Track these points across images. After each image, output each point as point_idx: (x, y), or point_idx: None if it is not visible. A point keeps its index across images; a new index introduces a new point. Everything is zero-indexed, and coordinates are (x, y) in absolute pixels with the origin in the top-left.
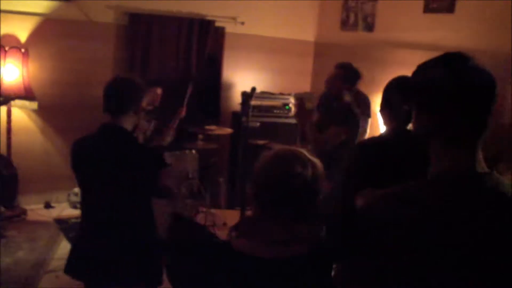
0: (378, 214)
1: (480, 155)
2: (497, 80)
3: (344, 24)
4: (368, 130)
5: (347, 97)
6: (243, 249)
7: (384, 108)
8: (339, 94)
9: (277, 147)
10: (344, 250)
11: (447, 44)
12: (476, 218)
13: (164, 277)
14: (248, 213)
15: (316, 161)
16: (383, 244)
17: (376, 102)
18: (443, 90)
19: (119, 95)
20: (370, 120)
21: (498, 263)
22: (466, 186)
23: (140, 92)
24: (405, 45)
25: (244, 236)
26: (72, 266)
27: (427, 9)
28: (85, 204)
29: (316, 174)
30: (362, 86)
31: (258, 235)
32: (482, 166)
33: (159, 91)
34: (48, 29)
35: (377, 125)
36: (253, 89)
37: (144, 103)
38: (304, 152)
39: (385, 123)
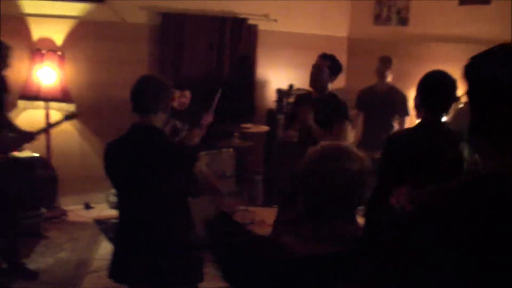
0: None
1: None
2: None
3: (377, 19)
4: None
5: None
6: (290, 246)
7: (415, 100)
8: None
9: (323, 143)
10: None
11: (483, 37)
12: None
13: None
14: (294, 211)
15: (363, 156)
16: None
17: (411, 98)
18: (502, 86)
19: (146, 94)
20: (407, 118)
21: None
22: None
23: (167, 90)
24: (440, 38)
25: (290, 234)
26: (115, 271)
27: (463, 1)
28: (122, 206)
29: (363, 169)
30: (396, 81)
31: (304, 232)
32: None
33: (187, 94)
34: (83, 32)
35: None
36: (291, 86)
37: (172, 102)
38: (351, 147)
39: (417, 115)
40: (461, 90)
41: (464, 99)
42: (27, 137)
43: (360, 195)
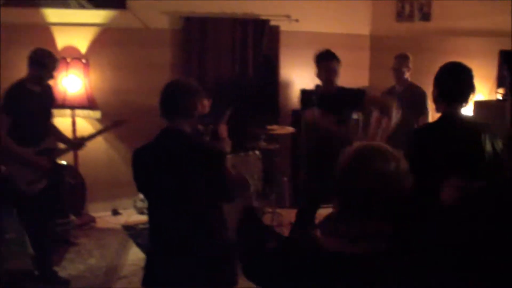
0: None
1: None
2: None
3: (400, 15)
4: None
5: None
6: (325, 246)
7: (433, 94)
8: None
9: (359, 143)
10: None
11: (507, 30)
12: None
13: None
14: (330, 211)
15: (400, 156)
16: None
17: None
18: None
19: (175, 98)
20: (429, 114)
21: None
22: None
23: (195, 94)
24: (464, 32)
25: (326, 234)
26: (149, 278)
27: None
28: (152, 212)
29: (399, 169)
30: (420, 78)
31: (339, 232)
32: None
33: (206, 102)
34: (106, 39)
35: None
36: (317, 86)
37: (200, 106)
38: (387, 147)
39: (436, 109)
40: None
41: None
42: (76, 144)
43: (395, 195)
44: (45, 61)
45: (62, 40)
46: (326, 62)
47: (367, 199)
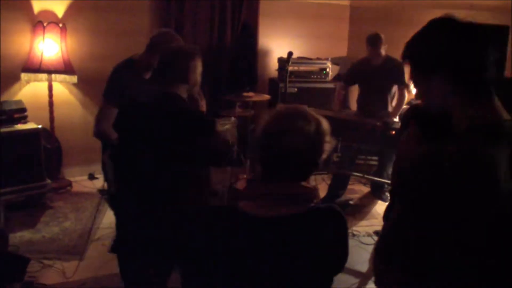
0: None
1: None
2: None
3: None
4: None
5: None
6: (247, 210)
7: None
8: None
9: (280, 105)
10: None
11: (485, 3)
12: None
13: None
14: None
15: (322, 119)
16: None
17: None
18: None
19: (174, 63)
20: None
21: None
22: None
23: (194, 59)
24: (443, 5)
25: (247, 198)
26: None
27: None
28: (124, 163)
29: (319, 132)
30: (398, 51)
31: (260, 195)
32: None
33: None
34: (84, 3)
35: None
36: (290, 53)
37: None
38: (307, 109)
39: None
40: None
41: None
42: None
43: (315, 156)
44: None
45: (39, 4)
46: None
47: (288, 160)
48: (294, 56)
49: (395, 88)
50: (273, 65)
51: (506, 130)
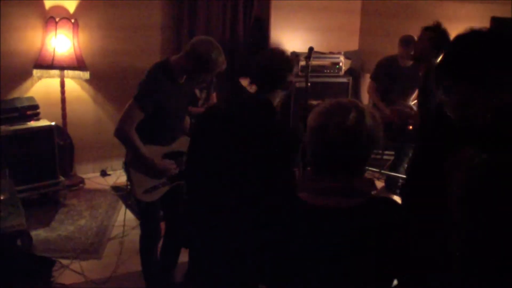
0: None
1: None
2: None
3: None
4: None
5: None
6: (309, 201)
7: None
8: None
9: (329, 99)
10: None
11: None
12: None
13: None
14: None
15: (368, 111)
16: None
17: None
18: None
19: (278, 70)
20: None
21: None
22: None
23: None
24: None
25: (305, 190)
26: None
27: None
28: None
29: (361, 121)
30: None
31: (316, 188)
32: None
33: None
34: None
35: None
36: (311, 49)
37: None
38: (354, 101)
39: None
40: None
41: None
42: None
43: (361, 149)
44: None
45: None
46: None
47: (332, 153)
48: (306, 50)
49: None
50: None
51: None
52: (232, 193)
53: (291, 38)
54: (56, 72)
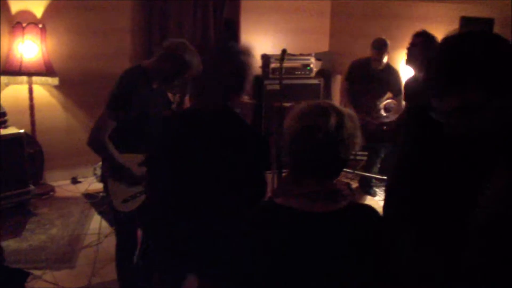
0: None
1: None
2: None
3: None
4: None
5: None
6: (287, 205)
7: None
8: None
9: (305, 101)
10: None
11: None
12: None
13: None
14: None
15: (347, 114)
16: None
17: (397, 60)
18: None
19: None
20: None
21: None
22: None
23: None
24: None
25: (282, 196)
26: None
27: None
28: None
29: (341, 127)
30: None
31: (294, 192)
32: None
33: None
34: (63, 3)
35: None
36: (284, 51)
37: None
38: (332, 103)
39: None
40: None
41: None
42: None
43: (340, 152)
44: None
45: (17, 4)
46: None
47: (316, 156)
48: (277, 52)
49: (387, 95)
50: (257, 62)
51: None
52: (206, 200)
53: (261, 40)
54: (24, 78)
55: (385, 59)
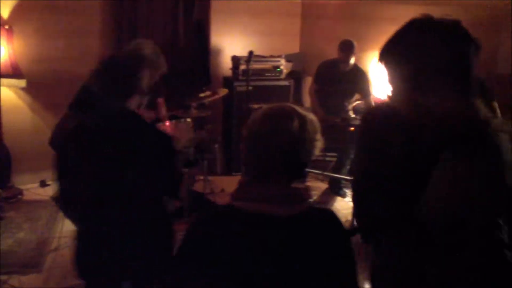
0: None
1: None
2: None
3: None
4: None
5: None
6: (244, 208)
7: None
8: None
9: (267, 105)
10: None
11: None
12: None
13: None
14: (242, 178)
15: (309, 116)
16: None
17: (367, 61)
18: None
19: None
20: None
21: None
22: None
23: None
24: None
25: (241, 200)
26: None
27: None
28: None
29: (304, 130)
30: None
31: (254, 196)
32: None
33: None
34: (31, 4)
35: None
36: (251, 53)
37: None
38: (295, 107)
39: None
40: None
41: None
42: None
43: (302, 155)
44: None
45: None
46: None
47: (274, 160)
48: (247, 54)
49: (356, 97)
50: (227, 63)
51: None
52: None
53: (232, 42)
54: None
55: (352, 61)
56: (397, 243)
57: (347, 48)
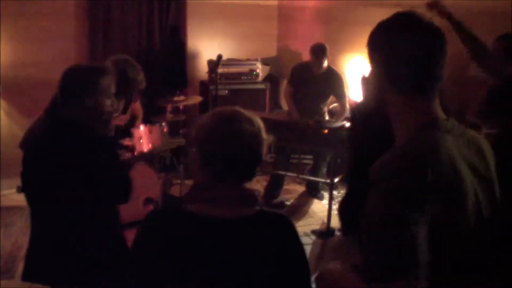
0: None
1: None
2: None
3: None
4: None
5: None
6: (195, 211)
7: None
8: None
9: (216, 108)
10: None
11: (410, 3)
12: None
13: None
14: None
15: (255, 118)
16: None
17: (342, 64)
18: None
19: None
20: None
21: None
22: None
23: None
24: (371, 3)
25: (195, 202)
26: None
27: None
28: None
29: (258, 131)
30: (330, 48)
31: (207, 198)
32: None
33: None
34: (4, 9)
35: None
36: (219, 56)
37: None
38: (241, 110)
39: None
40: None
41: None
42: None
43: (256, 156)
44: None
45: None
46: None
47: (231, 162)
48: (224, 57)
49: (331, 99)
50: (203, 67)
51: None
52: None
53: (208, 45)
54: None
55: (325, 64)
56: None
57: (318, 51)
